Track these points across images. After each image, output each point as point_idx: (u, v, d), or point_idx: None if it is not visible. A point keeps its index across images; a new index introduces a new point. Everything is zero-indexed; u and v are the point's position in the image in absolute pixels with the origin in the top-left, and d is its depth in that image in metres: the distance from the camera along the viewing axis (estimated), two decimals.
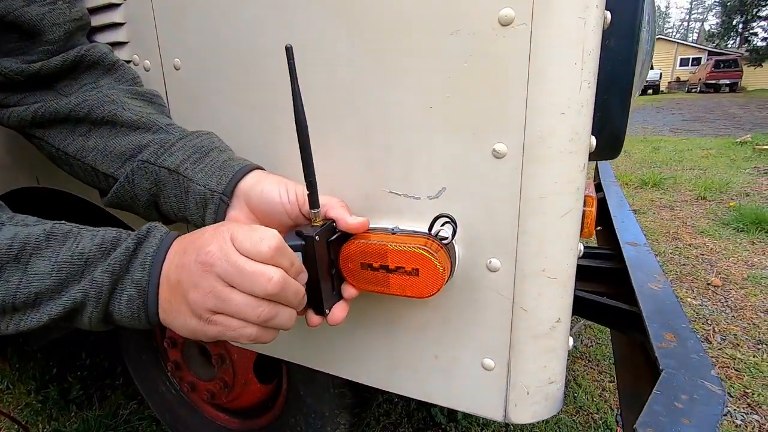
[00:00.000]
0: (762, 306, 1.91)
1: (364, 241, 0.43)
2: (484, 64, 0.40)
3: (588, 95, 0.40)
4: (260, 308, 0.37)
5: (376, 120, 0.46)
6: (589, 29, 0.38)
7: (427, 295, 0.42)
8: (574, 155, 0.40)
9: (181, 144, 0.51)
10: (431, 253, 0.40)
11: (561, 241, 0.43)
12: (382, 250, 0.42)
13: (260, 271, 0.36)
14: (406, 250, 0.41)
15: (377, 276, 0.43)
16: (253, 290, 0.37)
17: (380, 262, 0.42)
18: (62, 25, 0.52)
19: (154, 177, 0.50)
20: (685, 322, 0.66)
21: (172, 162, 0.50)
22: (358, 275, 0.44)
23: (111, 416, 1.37)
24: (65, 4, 0.53)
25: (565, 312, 0.45)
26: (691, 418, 0.46)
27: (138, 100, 0.56)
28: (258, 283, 0.36)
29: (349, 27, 0.45)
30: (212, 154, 0.51)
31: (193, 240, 0.39)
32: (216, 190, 0.48)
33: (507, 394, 0.47)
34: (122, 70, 0.58)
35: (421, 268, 0.41)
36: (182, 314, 0.39)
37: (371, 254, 0.43)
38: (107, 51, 0.57)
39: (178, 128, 0.54)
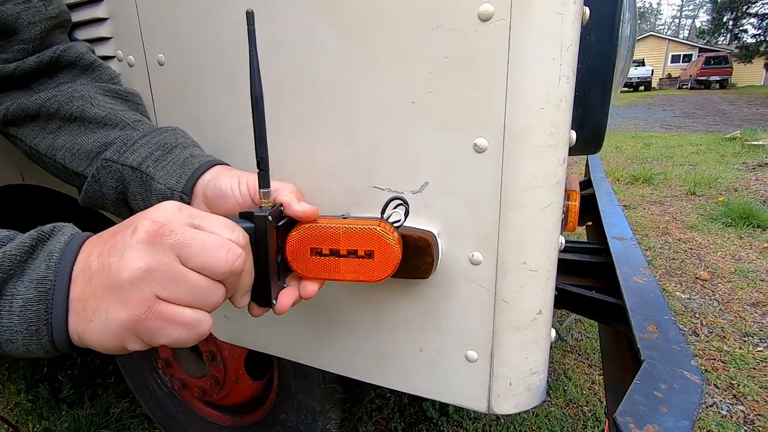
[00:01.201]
0: (748, 299, 1.94)
1: (314, 225, 0.41)
2: (464, 60, 0.40)
3: (567, 90, 0.40)
4: (218, 291, 0.33)
5: (360, 115, 0.46)
6: (567, 25, 0.38)
7: (381, 278, 0.41)
8: (554, 149, 0.41)
9: (144, 141, 0.50)
10: (386, 234, 0.39)
11: (541, 234, 0.43)
12: (334, 233, 0.40)
13: (227, 244, 0.32)
14: (360, 231, 0.39)
15: (328, 262, 0.41)
16: (215, 267, 0.31)
17: (331, 246, 0.40)
18: (38, 24, 0.52)
19: (118, 175, 0.49)
20: (668, 314, 0.67)
21: (134, 160, 0.49)
22: (307, 262, 0.41)
23: (102, 415, 1.37)
24: (40, 1, 0.52)
25: (547, 304, 0.46)
26: (669, 406, 0.47)
27: (109, 97, 0.55)
28: (225, 256, 0.32)
29: (334, 23, 0.45)
30: (175, 151, 0.50)
31: (123, 223, 0.33)
32: (176, 188, 0.47)
33: (490, 385, 0.48)
34: (100, 70, 0.57)
35: (375, 250, 0.40)
36: (105, 311, 0.30)
37: (322, 239, 0.40)
38: (85, 51, 0.56)
39: (145, 124, 0.53)
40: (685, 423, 0.44)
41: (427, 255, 0.44)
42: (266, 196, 0.39)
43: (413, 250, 0.45)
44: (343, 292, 0.54)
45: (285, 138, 0.51)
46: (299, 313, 0.58)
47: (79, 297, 0.31)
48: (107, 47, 0.61)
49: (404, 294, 0.50)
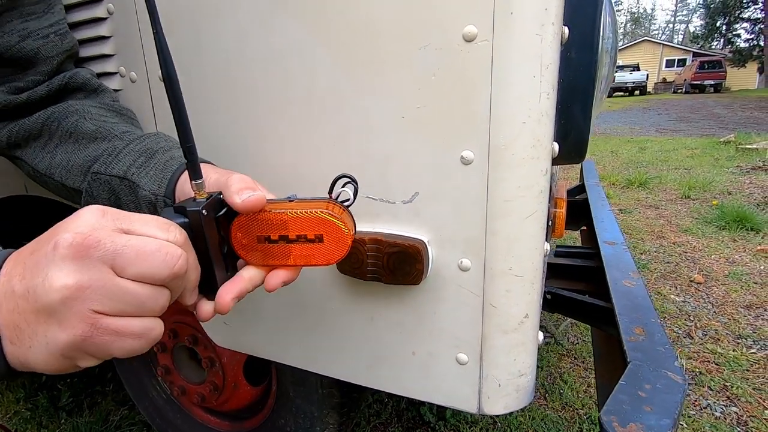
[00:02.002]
0: (742, 302, 1.97)
1: (258, 212, 0.38)
2: (450, 77, 0.43)
3: (547, 105, 0.42)
4: (163, 296, 0.31)
5: (353, 128, 0.49)
6: (546, 45, 0.41)
7: (334, 261, 0.39)
8: (537, 161, 0.43)
9: (128, 150, 0.50)
10: (335, 217, 0.37)
11: (526, 241, 0.45)
12: (281, 219, 0.38)
13: (166, 246, 0.30)
14: (308, 216, 0.37)
15: (277, 249, 0.39)
16: (155, 273, 0.29)
17: (279, 232, 0.38)
18: (55, 58, 0.54)
19: (108, 187, 0.50)
20: (654, 317, 0.70)
21: (119, 169, 0.49)
22: (255, 251, 0.39)
23: (101, 422, 1.37)
24: (57, 36, 0.55)
25: (533, 308, 0.48)
26: (652, 405, 0.49)
27: (105, 110, 0.56)
28: (165, 260, 0.29)
29: (327, 42, 0.48)
30: (157, 155, 0.49)
31: (41, 238, 0.30)
32: (158, 193, 0.47)
33: (480, 387, 0.50)
34: (104, 93, 0.59)
35: (325, 234, 0.38)
36: (44, 335, 0.28)
37: (269, 225, 0.38)
38: (90, 76, 0.58)
39: (132, 133, 0.53)
40: (666, 421, 0.46)
41: (418, 262, 0.46)
42: (199, 188, 0.37)
43: (405, 258, 0.47)
44: (338, 298, 0.56)
45: (280, 148, 0.53)
46: (296, 318, 0.60)
47: (8, 324, 0.28)
48: (110, 64, 0.63)
49: (397, 299, 0.52)
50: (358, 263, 0.49)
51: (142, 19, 0.59)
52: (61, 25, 0.57)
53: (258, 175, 0.56)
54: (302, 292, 0.58)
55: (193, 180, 0.36)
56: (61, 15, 0.58)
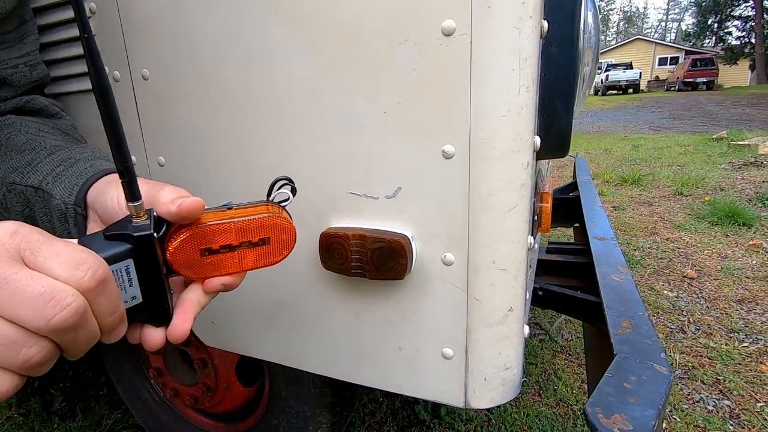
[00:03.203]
0: (734, 296, 1.98)
1: (198, 226, 0.36)
2: (430, 72, 0.43)
3: (527, 99, 0.43)
4: (33, 347, 0.25)
5: (335, 125, 0.49)
6: (524, 38, 0.41)
7: (281, 259, 0.39)
8: (517, 154, 0.44)
9: (49, 159, 0.47)
10: (278, 217, 0.37)
11: (509, 234, 0.46)
12: (224, 229, 0.36)
13: (51, 292, 0.25)
14: (252, 220, 0.36)
15: (220, 258, 0.37)
16: (27, 319, 0.24)
17: (222, 242, 0.36)
18: (21, 87, 0.54)
19: (22, 198, 0.47)
20: (642, 310, 0.70)
21: (35, 179, 0.45)
22: (198, 266, 0.36)
23: (94, 426, 1.37)
24: (27, 67, 0.55)
25: (518, 301, 0.48)
26: (637, 396, 0.49)
27: (49, 127, 0.54)
28: (42, 308, 0.24)
29: (307, 39, 0.48)
30: (78, 164, 0.45)
31: None
32: (69, 202, 0.43)
33: (466, 381, 0.50)
34: (62, 119, 0.58)
35: (271, 235, 0.38)
36: None
37: (211, 237, 0.36)
38: (48, 104, 0.58)
39: (62, 147, 0.49)
40: (651, 412, 0.47)
41: (402, 257, 0.46)
42: (137, 211, 0.33)
43: (389, 253, 0.47)
44: (323, 295, 0.56)
45: (263, 149, 0.53)
46: (282, 316, 0.60)
47: None
48: None
49: (382, 296, 0.52)
50: (342, 259, 0.49)
51: (125, 19, 0.58)
52: (32, 56, 0.57)
53: (241, 176, 0.56)
54: (287, 289, 0.58)
55: (130, 202, 0.32)
56: (33, 46, 0.58)
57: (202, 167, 0.59)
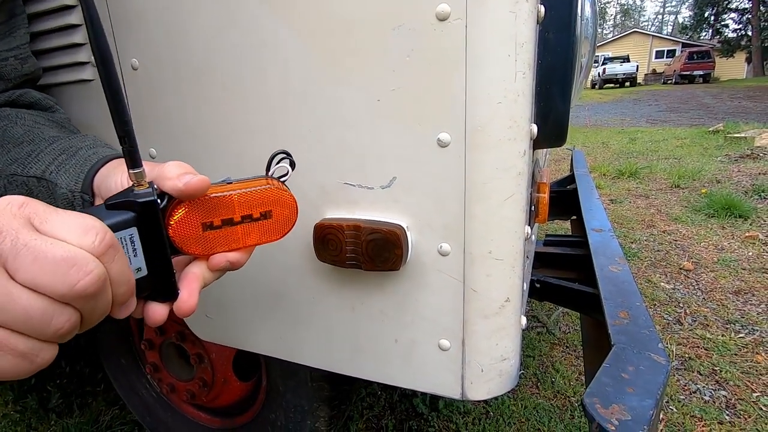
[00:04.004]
0: (731, 287, 1.99)
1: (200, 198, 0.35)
2: (424, 58, 0.42)
3: (523, 85, 0.42)
4: (62, 317, 0.25)
5: (328, 115, 0.48)
6: (520, 23, 0.40)
7: (284, 233, 0.39)
8: (514, 142, 0.43)
9: (50, 149, 0.46)
10: (280, 189, 0.37)
11: (505, 224, 0.45)
12: (226, 201, 0.35)
13: (73, 256, 0.24)
14: (254, 192, 0.36)
15: (222, 233, 0.36)
16: (52, 287, 0.24)
17: (223, 216, 0.36)
18: (12, 80, 0.53)
19: (24, 189, 0.46)
20: (639, 301, 0.70)
21: (37, 169, 0.45)
22: (200, 241, 0.35)
23: (92, 423, 1.36)
24: (17, 60, 0.54)
25: (514, 292, 0.48)
26: (635, 387, 0.49)
27: (44, 119, 0.54)
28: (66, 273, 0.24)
29: (298, 27, 0.47)
30: (80, 153, 0.45)
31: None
32: (75, 189, 0.43)
33: (463, 373, 0.50)
34: (56, 112, 0.58)
35: (273, 208, 0.37)
36: None
37: (212, 211, 0.35)
38: (42, 97, 0.57)
39: (60, 137, 0.49)
40: (649, 401, 0.46)
41: (397, 248, 0.46)
42: (138, 178, 0.32)
43: (384, 243, 0.46)
44: (318, 287, 0.55)
45: (255, 140, 0.52)
46: (277, 309, 0.59)
47: None
48: (81, 54, 0.61)
49: (378, 287, 0.51)
50: (337, 251, 0.48)
51: (113, 7, 0.57)
52: (22, 50, 0.57)
53: (234, 167, 0.55)
54: (282, 282, 0.57)
55: (131, 169, 0.31)
56: (23, 40, 0.57)
57: (194, 159, 0.58)
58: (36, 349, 0.25)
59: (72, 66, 0.63)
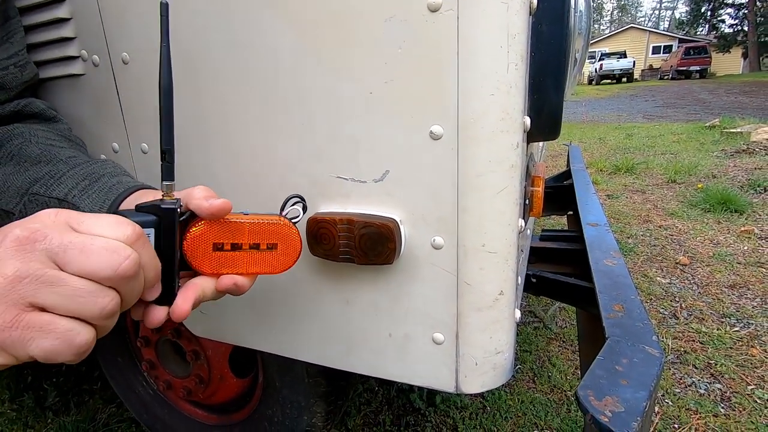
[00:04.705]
0: (726, 282, 2.00)
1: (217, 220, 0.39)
2: (417, 50, 0.42)
3: (516, 77, 0.42)
4: (106, 297, 0.29)
5: (320, 108, 0.47)
6: (512, 14, 0.40)
7: (285, 268, 0.42)
8: (506, 134, 0.43)
9: (72, 173, 0.49)
10: (288, 226, 0.41)
11: (499, 217, 0.45)
12: (239, 228, 0.39)
13: (113, 245, 0.29)
14: (264, 223, 0.40)
15: (230, 256, 0.40)
16: (98, 270, 0.29)
17: (233, 241, 0.39)
18: (13, 89, 0.54)
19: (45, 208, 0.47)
20: (634, 294, 0.70)
21: (60, 191, 0.48)
22: (208, 259, 0.39)
23: (89, 421, 1.36)
24: (17, 68, 0.54)
25: (508, 285, 0.48)
26: (629, 379, 0.49)
27: (53, 134, 0.55)
28: (109, 259, 0.29)
29: (290, 19, 0.46)
30: (102, 179, 0.48)
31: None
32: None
33: (457, 366, 0.49)
34: (59, 123, 0.59)
35: (279, 242, 0.41)
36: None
37: (225, 234, 0.39)
38: (45, 107, 0.58)
39: (78, 158, 0.52)
40: (642, 393, 0.46)
41: (390, 241, 0.46)
42: (169, 189, 0.36)
43: (377, 237, 0.46)
44: (312, 282, 0.55)
45: (247, 134, 0.52)
46: (271, 304, 0.59)
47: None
48: (71, 48, 0.61)
49: (372, 281, 0.51)
50: (329, 245, 0.48)
51: (102, 0, 0.56)
52: (20, 56, 0.56)
53: (226, 161, 0.55)
54: (275, 277, 0.57)
55: (165, 181, 0.36)
56: (21, 45, 0.57)
57: (187, 154, 0.57)
58: (75, 330, 0.29)
59: (61, 60, 0.62)
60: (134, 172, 0.63)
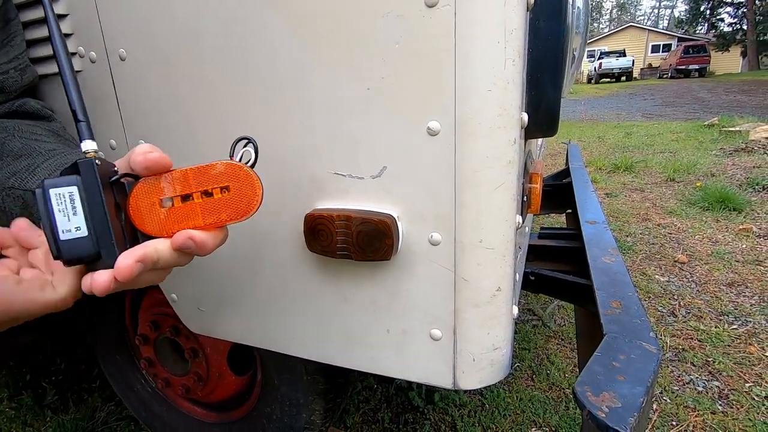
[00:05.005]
0: (724, 280, 2.00)
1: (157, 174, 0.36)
2: (414, 45, 0.41)
3: (513, 72, 0.42)
4: None
5: (318, 104, 0.47)
6: (510, 9, 0.40)
7: (248, 212, 0.36)
8: (504, 130, 0.43)
9: (47, 164, 0.49)
10: (236, 165, 0.36)
11: (496, 212, 0.45)
12: (182, 176, 0.36)
13: None
14: (208, 167, 0.36)
15: (180, 210, 0.36)
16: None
17: (182, 192, 0.36)
18: (12, 93, 0.54)
19: (21, 201, 0.48)
20: (632, 291, 0.70)
21: (34, 182, 0.48)
22: (156, 217, 0.36)
23: (88, 419, 1.36)
24: (17, 71, 0.55)
25: (506, 281, 0.48)
26: (626, 375, 0.49)
27: (41, 129, 0.55)
28: None
29: (288, 14, 0.46)
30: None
31: None
32: None
33: (455, 362, 0.50)
34: (54, 122, 0.59)
35: (231, 184, 0.36)
36: None
37: (168, 187, 0.36)
38: (40, 107, 0.58)
39: (57, 151, 0.51)
40: (639, 389, 0.46)
41: (388, 237, 0.46)
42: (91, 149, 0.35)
43: (374, 233, 0.46)
44: (310, 279, 0.55)
45: (245, 131, 0.52)
46: (269, 301, 0.59)
47: None
48: (68, 44, 0.60)
49: (369, 277, 0.51)
50: (327, 241, 0.48)
51: None
52: (21, 59, 0.56)
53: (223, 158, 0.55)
54: (273, 273, 0.57)
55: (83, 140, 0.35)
56: (21, 48, 0.57)
57: (184, 150, 0.57)
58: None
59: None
60: None
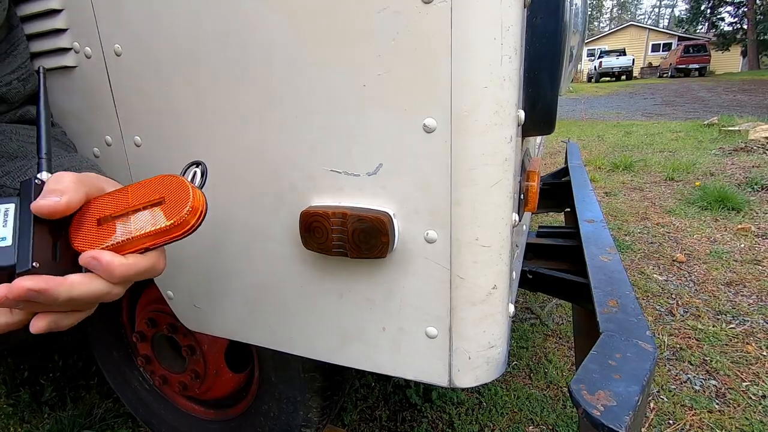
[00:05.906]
0: (722, 279, 2.00)
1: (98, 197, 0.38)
2: (410, 42, 0.41)
3: (510, 69, 0.41)
4: None
5: (313, 101, 0.47)
6: (506, 6, 0.39)
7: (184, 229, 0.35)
8: (500, 127, 0.42)
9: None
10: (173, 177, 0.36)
11: (492, 210, 0.45)
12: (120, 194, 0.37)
13: None
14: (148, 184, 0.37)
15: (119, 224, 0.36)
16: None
17: (119, 209, 0.36)
18: (15, 103, 0.55)
19: None
20: (629, 290, 0.70)
21: None
22: (95, 236, 0.36)
23: (85, 416, 1.36)
24: (20, 82, 0.55)
25: (502, 279, 0.48)
26: (622, 373, 0.49)
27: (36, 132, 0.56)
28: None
29: (284, 10, 0.46)
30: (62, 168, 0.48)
31: None
32: None
33: (450, 360, 0.49)
34: (55, 127, 0.60)
35: (166, 195, 0.36)
36: None
37: (107, 205, 0.37)
38: None
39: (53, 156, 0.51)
40: (635, 388, 0.46)
41: (383, 235, 0.45)
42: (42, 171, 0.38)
43: (370, 231, 0.46)
44: (306, 276, 0.55)
45: (241, 128, 0.52)
46: (265, 298, 0.59)
47: None
48: (63, 39, 0.60)
49: (365, 275, 0.51)
50: (323, 238, 0.48)
51: None
52: (24, 69, 0.56)
53: (219, 154, 0.55)
54: (269, 271, 0.57)
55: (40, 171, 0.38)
56: (24, 56, 0.57)
57: (180, 146, 0.57)
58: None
59: (53, 52, 0.62)
60: (127, 164, 0.62)
